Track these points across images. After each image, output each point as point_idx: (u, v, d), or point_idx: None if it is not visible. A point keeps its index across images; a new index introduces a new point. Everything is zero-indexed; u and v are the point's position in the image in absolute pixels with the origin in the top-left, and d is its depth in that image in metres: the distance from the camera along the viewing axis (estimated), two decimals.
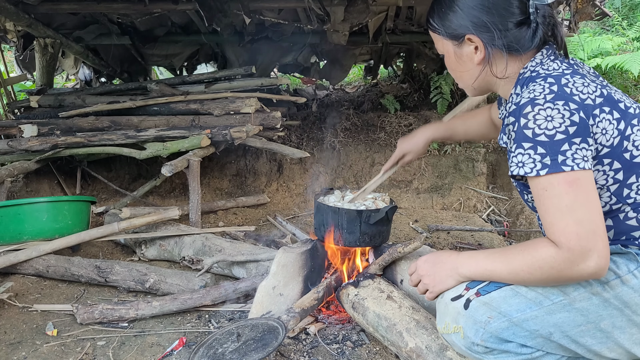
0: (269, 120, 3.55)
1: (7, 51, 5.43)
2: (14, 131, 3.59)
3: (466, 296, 1.30)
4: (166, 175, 2.88)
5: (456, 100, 4.63)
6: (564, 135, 1.12)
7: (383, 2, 3.61)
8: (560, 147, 1.12)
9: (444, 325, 1.35)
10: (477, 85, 1.40)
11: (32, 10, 3.57)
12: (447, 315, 1.34)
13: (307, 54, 4.88)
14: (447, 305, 1.34)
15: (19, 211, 2.64)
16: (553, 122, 1.13)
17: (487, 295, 1.27)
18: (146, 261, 2.76)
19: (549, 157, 1.12)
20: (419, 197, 4.15)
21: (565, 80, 1.19)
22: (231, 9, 3.47)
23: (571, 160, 1.11)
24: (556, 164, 1.11)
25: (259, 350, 1.61)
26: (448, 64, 1.44)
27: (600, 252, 1.09)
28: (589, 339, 1.21)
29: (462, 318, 1.29)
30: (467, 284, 1.32)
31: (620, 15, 6.72)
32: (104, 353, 1.83)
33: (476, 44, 1.31)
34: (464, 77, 1.41)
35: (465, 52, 1.34)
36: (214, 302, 2.15)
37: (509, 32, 1.27)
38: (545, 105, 1.14)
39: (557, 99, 1.15)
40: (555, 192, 1.12)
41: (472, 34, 1.30)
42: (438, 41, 1.41)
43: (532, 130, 1.14)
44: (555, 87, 1.17)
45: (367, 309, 1.78)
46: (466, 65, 1.37)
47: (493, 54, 1.30)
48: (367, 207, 2.11)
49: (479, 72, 1.35)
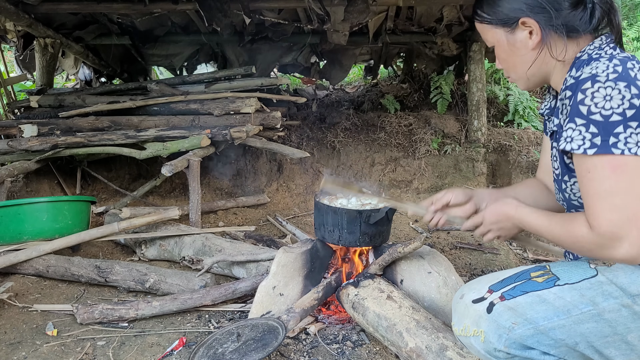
0: (269, 120, 3.55)
1: (7, 51, 5.43)
2: (14, 131, 3.59)
3: (489, 299, 1.25)
4: (166, 175, 2.88)
5: (456, 100, 4.64)
6: (620, 117, 1.08)
7: (383, 2, 3.61)
8: (614, 128, 1.08)
9: (463, 327, 1.29)
10: (531, 74, 1.34)
11: (32, 10, 3.57)
12: (466, 317, 1.28)
13: (307, 54, 4.88)
14: (467, 306, 1.29)
15: (19, 211, 2.64)
16: (612, 102, 1.09)
17: (512, 300, 1.22)
18: (146, 261, 2.76)
19: (600, 137, 1.09)
20: (419, 197, 4.15)
21: (631, 65, 1.13)
22: (231, 9, 3.47)
23: (623, 144, 1.08)
24: (606, 145, 1.08)
25: (259, 350, 1.61)
26: (499, 55, 1.38)
27: (633, 240, 1.07)
28: (613, 351, 1.18)
29: (484, 322, 1.23)
30: (490, 287, 1.27)
31: (620, 15, 6.72)
32: (104, 353, 1.82)
33: (531, 28, 1.27)
34: (517, 66, 1.35)
35: (519, 37, 1.29)
36: (214, 302, 2.15)
37: (565, 12, 1.23)
38: (606, 84, 1.10)
39: (619, 79, 1.10)
40: (597, 175, 1.10)
41: (526, 16, 1.26)
42: (487, 32, 1.36)
43: (587, 108, 1.11)
44: (620, 68, 1.12)
45: (367, 309, 1.78)
46: (520, 52, 1.31)
47: (550, 36, 1.25)
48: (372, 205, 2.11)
49: (534, 57, 1.30)
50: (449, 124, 4.44)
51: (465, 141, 4.29)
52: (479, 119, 4.25)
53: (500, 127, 4.50)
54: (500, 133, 4.35)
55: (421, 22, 4.17)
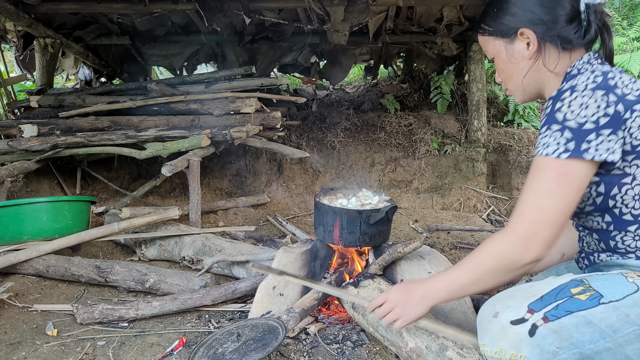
0: (269, 120, 3.55)
1: (7, 51, 5.43)
2: (14, 131, 3.59)
3: (531, 321, 1.17)
4: (166, 175, 2.88)
5: (456, 100, 4.64)
6: (593, 125, 1.13)
7: (383, 2, 3.61)
8: (587, 135, 1.13)
9: (498, 349, 1.19)
10: (527, 84, 1.39)
11: (32, 10, 3.57)
12: (503, 340, 1.19)
13: (307, 54, 4.88)
14: (505, 328, 1.19)
15: (19, 211, 2.64)
16: (587, 110, 1.14)
17: (556, 321, 1.15)
18: (146, 261, 2.76)
19: (574, 142, 1.14)
20: (419, 197, 4.15)
21: (612, 75, 1.18)
22: (231, 9, 3.47)
23: (593, 150, 1.13)
24: (578, 151, 1.13)
25: (259, 350, 1.61)
26: (498, 65, 1.45)
27: (542, 239, 1.15)
28: None
29: (526, 346, 1.15)
30: (529, 306, 1.19)
31: (620, 15, 6.72)
32: (104, 353, 1.82)
33: (528, 39, 1.33)
34: (514, 75, 1.40)
35: (517, 48, 1.36)
36: (214, 302, 2.15)
37: (560, 25, 1.29)
38: (583, 93, 1.15)
39: (598, 88, 1.15)
40: (543, 175, 1.17)
41: (525, 27, 1.32)
42: (489, 44, 1.43)
43: (564, 115, 1.16)
44: (600, 78, 1.17)
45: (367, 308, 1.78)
46: (517, 62, 1.38)
47: (545, 47, 1.32)
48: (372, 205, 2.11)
49: (530, 66, 1.36)
50: (449, 124, 4.44)
51: (465, 141, 4.29)
52: (479, 119, 4.25)
53: (500, 127, 4.50)
54: (500, 133, 4.36)
55: (421, 22, 4.17)
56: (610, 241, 1.28)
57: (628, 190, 1.21)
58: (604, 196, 1.23)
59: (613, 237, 1.27)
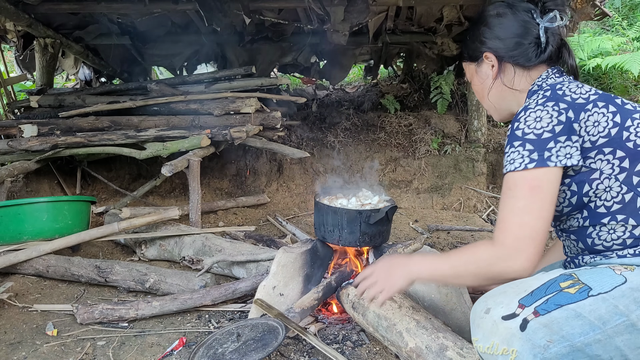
0: (269, 120, 3.55)
1: (7, 51, 5.43)
2: (14, 131, 3.59)
3: (522, 315, 1.19)
4: (166, 175, 2.88)
5: (456, 100, 4.64)
6: (550, 134, 1.23)
7: (383, 2, 3.61)
8: (547, 144, 1.22)
9: (490, 344, 1.20)
10: (495, 101, 1.52)
11: (32, 10, 3.57)
12: (495, 335, 1.20)
13: (307, 54, 4.88)
14: (496, 323, 1.21)
15: (19, 211, 2.64)
16: (542, 122, 1.24)
17: (547, 315, 1.17)
18: (146, 261, 2.76)
19: (536, 153, 1.22)
20: (419, 197, 4.15)
21: (560, 86, 1.31)
22: (231, 9, 3.47)
23: (555, 157, 1.22)
24: (542, 160, 1.22)
25: (259, 350, 1.61)
26: (473, 86, 1.60)
27: (528, 256, 1.20)
28: None
29: (517, 341, 1.16)
30: (520, 301, 1.21)
31: (620, 15, 6.72)
32: (104, 353, 1.82)
33: (491, 61, 1.47)
34: (484, 94, 1.54)
35: (484, 69, 1.51)
36: (214, 302, 2.15)
37: (522, 47, 1.42)
38: (535, 108, 1.26)
39: (547, 100, 1.26)
40: (517, 193, 1.23)
41: (487, 50, 1.47)
42: (467, 69, 1.59)
43: (522, 130, 1.26)
44: (549, 92, 1.29)
45: (367, 309, 1.78)
46: (484, 82, 1.53)
47: (503, 66, 1.46)
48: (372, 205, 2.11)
49: (492, 84, 1.50)
50: (449, 124, 4.44)
51: (465, 141, 4.29)
52: (479, 119, 4.25)
53: (500, 127, 4.50)
54: (500, 133, 4.36)
55: (421, 22, 4.17)
56: (587, 239, 1.32)
57: (598, 184, 1.26)
58: (578, 194, 1.29)
59: (589, 234, 1.31)
